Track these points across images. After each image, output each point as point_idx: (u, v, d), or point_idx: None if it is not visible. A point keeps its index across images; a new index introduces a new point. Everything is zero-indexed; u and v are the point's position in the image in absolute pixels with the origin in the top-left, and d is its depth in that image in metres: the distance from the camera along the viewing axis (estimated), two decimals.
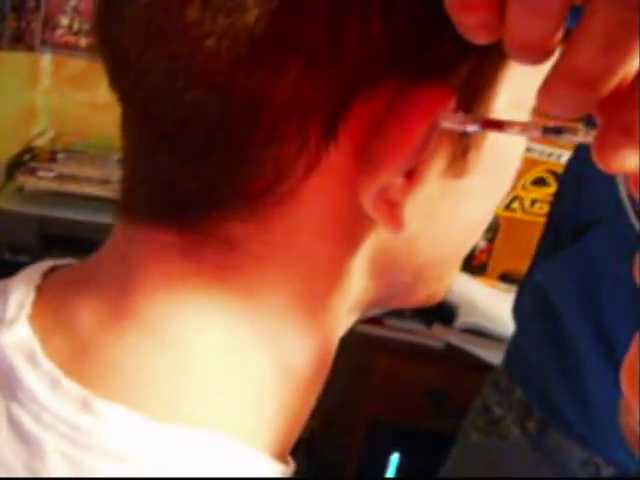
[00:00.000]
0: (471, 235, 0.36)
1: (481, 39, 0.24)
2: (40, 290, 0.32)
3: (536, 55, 0.24)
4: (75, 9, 1.80)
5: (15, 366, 0.29)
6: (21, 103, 1.80)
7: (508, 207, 1.97)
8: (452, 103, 0.27)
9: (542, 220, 1.93)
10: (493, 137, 0.31)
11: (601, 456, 0.80)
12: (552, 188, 1.97)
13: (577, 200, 0.83)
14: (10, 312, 0.31)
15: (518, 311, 0.93)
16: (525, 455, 0.85)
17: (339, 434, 1.63)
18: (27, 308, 0.31)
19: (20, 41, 1.77)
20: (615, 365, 0.79)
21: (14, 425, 0.28)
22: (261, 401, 0.30)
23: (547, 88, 0.24)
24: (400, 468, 1.56)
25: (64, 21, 1.81)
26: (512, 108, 0.30)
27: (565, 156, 1.91)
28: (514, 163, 0.34)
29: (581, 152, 0.88)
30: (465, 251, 0.37)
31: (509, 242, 1.97)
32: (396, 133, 0.27)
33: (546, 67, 0.32)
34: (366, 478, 1.61)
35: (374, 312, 1.48)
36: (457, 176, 0.30)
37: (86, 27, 1.81)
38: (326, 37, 0.25)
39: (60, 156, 1.63)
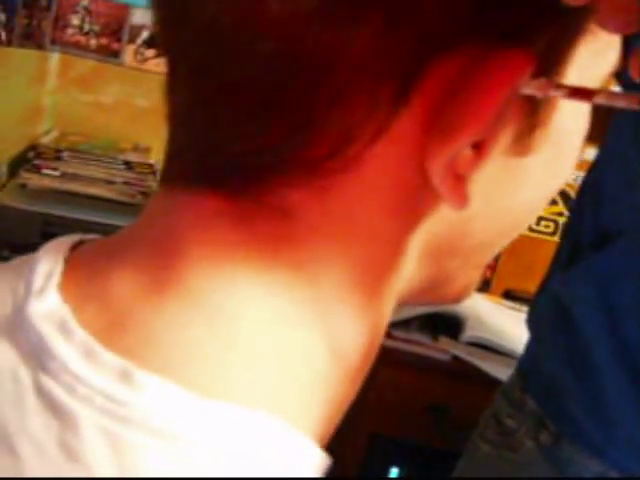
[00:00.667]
0: (525, 218, 0.34)
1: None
2: (69, 261, 0.30)
3: (629, 19, 0.22)
4: (86, 9, 1.80)
5: (45, 335, 0.27)
6: (28, 101, 1.79)
7: None
8: (531, 70, 0.25)
9: (547, 238, 1.95)
10: (561, 116, 0.29)
11: (617, 470, 0.78)
12: (559, 207, 1.97)
13: (596, 210, 0.82)
14: (38, 282, 0.29)
15: (533, 322, 0.91)
16: (538, 468, 0.83)
17: (337, 447, 1.61)
18: (56, 278, 0.29)
19: (30, 38, 1.76)
20: (635, 377, 0.77)
21: (44, 397, 0.26)
22: (308, 385, 0.28)
23: None
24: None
25: (75, 21, 1.81)
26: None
27: (573, 175, 1.90)
28: (579, 140, 0.33)
29: (600, 162, 0.88)
30: (514, 236, 0.35)
31: (514, 259, 1.96)
32: (474, 98, 0.25)
33: (611, 56, 0.31)
34: None
35: None
36: (521, 154, 0.29)
37: (96, 28, 1.81)
38: None
39: (65, 155, 1.62)
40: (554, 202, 1.96)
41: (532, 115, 0.28)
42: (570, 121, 0.31)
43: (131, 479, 0.24)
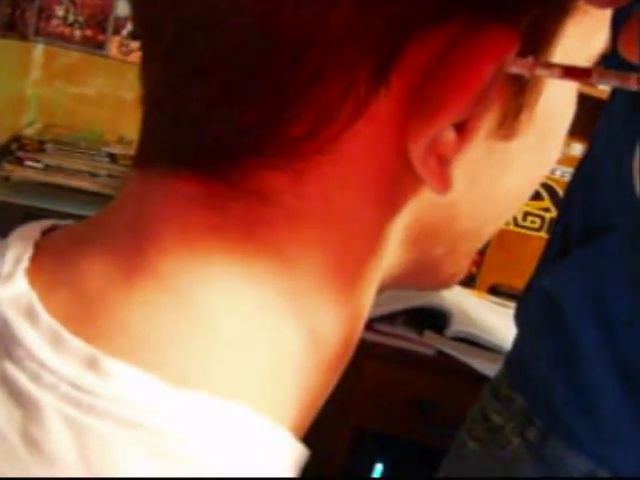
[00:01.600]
0: (510, 206, 0.34)
1: None
2: (39, 246, 0.29)
3: None
4: (71, 0, 1.78)
5: (10, 321, 0.26)
6: (11, 92, 1.77)
7: None
8: (516, 49, 0.24)
9: (533, 234, 1.95)
10: (547, 100, 0.28)
11: (605, 468, 0.78)
12: (546, 202, 1.97)
13: (586, 205, 0.81)
14: (6, 267, 0.28)
15: (521, 317, 0.91)
16: (525, 465, 0.83)
17: (322, 441, 1.60)
18: (25, 263, 0.28)
19: (13, 29, 1.74)
20: (623, 373, 0.77)
21: (8, 385, 0.25)
22: (285, 372, 0.27)
23: None
24: (384, 479, 1.54)
25: (59, 12, 1.79)
26: None
27: (559, 171, 1.91)
28: (564, 126, 0.32)
29: (589, 157, 0.87)
30: (500, 223, 0.34)
31: (500, 254, 1.96)
32: (456, 76, 0.24)
33: (597, 41, 0.30)
34: None
35: None
36: (506, 137, 0.28)
37: (81, 19, 1.79)
38: None
39: (48, 147, 1.60)
40: (540, 197, 1.96)
41: (518, 97, 0.27)
42: (556, 105, 0.30)
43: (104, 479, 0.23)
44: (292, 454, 0.27)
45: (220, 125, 0.26)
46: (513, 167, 0.30)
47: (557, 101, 0.30)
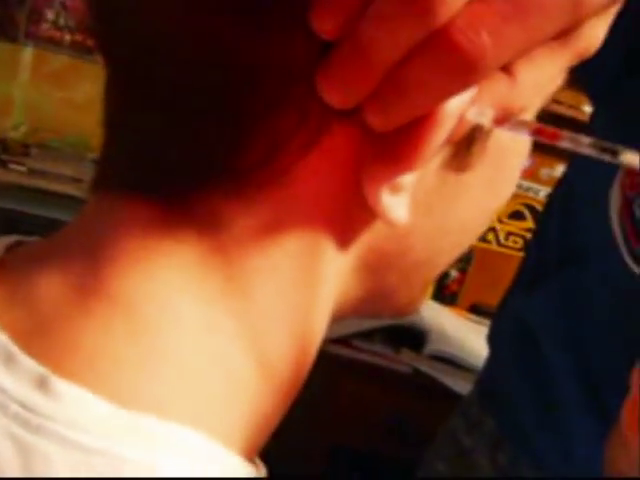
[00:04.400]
0: (465, 237, 0.34)
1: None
2: (2, 263, 0.29)
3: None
4: (62, 4, 1.78)
5: None
6: None
7: (483, 238, 1.97)
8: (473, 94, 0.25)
9: (515, 254, 1.96)
10: (500, 136, 0.29)
11: None
12: (528, 222, 1.98)
13: (563, 228, 0.82)
14: None
15: (493, 339, 0.91)
16: None
17: (297, 457, 1.60)
18: None
19: (2, 32, 1.74)
20: (594, 399, 0.77)
21: None
22: (234, 397, 0.28)
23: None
24: None
25: (50, 15, 1.78)
26: None
27: (543, 192, 1.92)
28: (519, 162, 0.32)
29: (569, 179, 0.87)
30: (456, 254, 0.35)
31: (481, 273, 1.97)
32: (425, 122, 0.24)
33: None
34: None
35: (343, 332, 1.46)
36: (459, 169, 0.28)
37: (72, 23, 1.79)
38: None
39: (33, 151, 1.60)
40: (523, 217, 1.97)
41: (471, 131, 0.27)
42: (510, 142, 0.30)
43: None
44: (242, 474, 0.27)
45: (173, 152, 0.26)
46: (467, 199, 0.31)
47: (511, 138, 0.30)
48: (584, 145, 0.24)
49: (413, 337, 1.56)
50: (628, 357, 0.57)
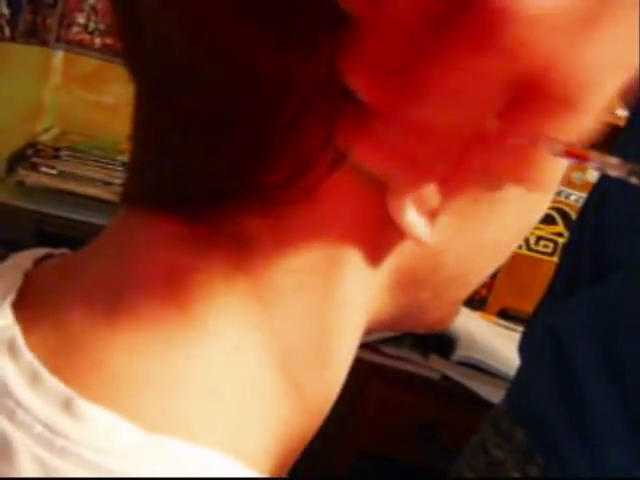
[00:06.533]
0: (499, 254, 0.33)
1: None
2: (29, 277, 0.29)
3: None
4: (93, 8, 1.79)
5: None
6: (29, 98, 1.78)
7: None
8: None
9: (546, 258, 1.93)
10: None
11: None
12: (559, 227, 1.95)
13: (597, 240, 0.80)
14: None
15: (526, 350, 0.89)
16: None
17: (323, 463, 1.59)
18: (12, 295, 0.28)
19: (34, 36, 1.75)
20: (626, 415, 0.76)
21: None
22: (263, 418, 0.27)
23: None
24: None
25: (80, 19, 1.80)
26: None
27: (574, 196, 1.90)
28: (554, 179, 0.31)
29: (602, 189, 0.86)
30: (489, 271, 0.34)
31: (511, 278, 1.95)
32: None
33: None
34: None
35: (372, 338, 1.45)
36: (492, 188, 0.28)
37: (102, 27, 1.80)
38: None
39: (64, 154, 1.61)
40: (554, 222, 1.95)
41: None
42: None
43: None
44: None
45: (199, 171, 0.26)
46: (500, 216, 0.30)
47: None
48: (612, 166, 0.24)
49: (442, 343, 1.55)
50: None
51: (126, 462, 0.24)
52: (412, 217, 0.25)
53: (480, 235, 0.30)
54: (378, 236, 0.27)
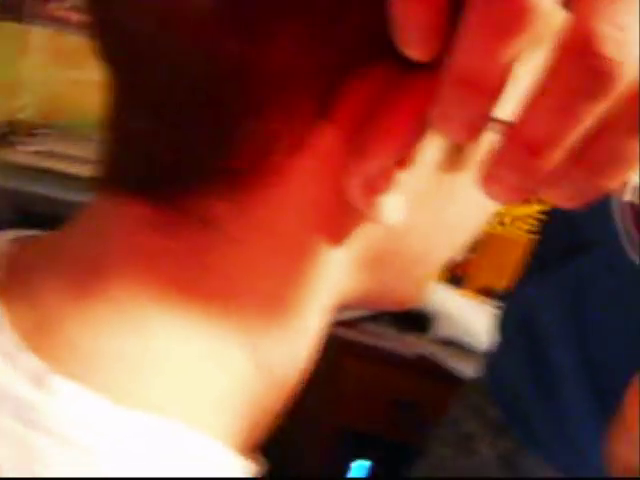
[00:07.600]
0: (462, 233, 0.35)
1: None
2: (7, 257, 0.30)
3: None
4: None
5: None
6: (5, 74, 1.76)
7: (488, 222, 1.96)
8: None
9: (521, 238, 1.94)
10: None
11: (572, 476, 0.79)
12: (534, 207, 1.97)
13: (570, 220, 0.81)
14: None
15: (502, 326, 0.91)
16: (495, 475, 0.83)
17: (301, 440, 1.61)
18: None
19: (10, 11, 1.73)
20: (596, 390, 0.77)
21: None
22: (229, 392, 0.29)
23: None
24: (366, 477, 1.54)
25: None
26: None
27: None
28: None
29: None
30: (451, 252, 0.35)
31: (487, 257, 1.96)
32: (388, 118, 0.25)
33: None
34: None
35: (348, 315, 1.46)
36: (453, 169, 0.29)
37: (80, 3, 1.78)
38: (326, 4, 0.23)
39: (41, 132, 1.60)
40: (529, 202, 1.96)
41: None
42: None
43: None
44: (236, 470, 0.28)
45: (166, 154, 0.27)
46: (462, 197, 0.31)
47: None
48: None
49: (418, 320, 1.56)
50: (632, 350, 0.57)
51: (97, 435, 0.25)
52: (368, 197, 0.26)
53: (443, 215, 0.31)
54: (342, 218, 0.28)
